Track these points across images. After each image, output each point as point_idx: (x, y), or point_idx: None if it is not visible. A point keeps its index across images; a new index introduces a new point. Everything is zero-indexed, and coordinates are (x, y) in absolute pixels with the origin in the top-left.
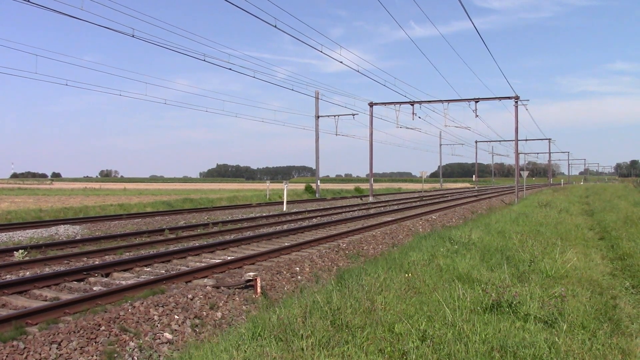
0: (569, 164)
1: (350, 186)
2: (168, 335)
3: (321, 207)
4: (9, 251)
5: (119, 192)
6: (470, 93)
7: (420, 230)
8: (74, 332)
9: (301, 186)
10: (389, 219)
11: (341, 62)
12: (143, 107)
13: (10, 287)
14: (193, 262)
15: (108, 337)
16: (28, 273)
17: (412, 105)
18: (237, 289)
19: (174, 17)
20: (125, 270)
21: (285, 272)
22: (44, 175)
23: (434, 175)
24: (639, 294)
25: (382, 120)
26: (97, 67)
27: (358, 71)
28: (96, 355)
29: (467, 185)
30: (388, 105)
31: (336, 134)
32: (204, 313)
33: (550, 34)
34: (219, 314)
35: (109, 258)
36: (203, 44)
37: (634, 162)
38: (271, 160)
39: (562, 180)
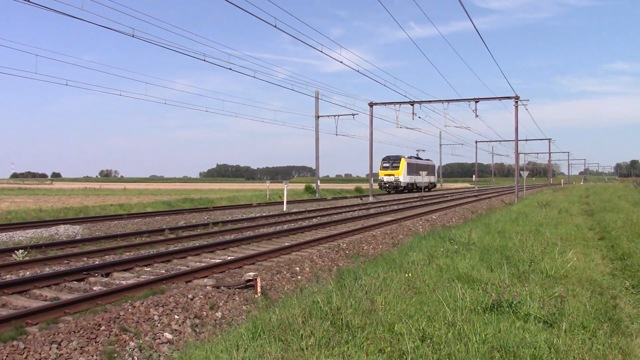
0: (569, 164)
1: (351, 186)
2: (168, 335)
3: (321, 207)
4: (9, 251)
5: (119, 192)
6: (470, 93)
7: (420, 230)
8: (74, 332)
9: (301, 186)
10: (389, 219)
11: (341, 62)
12: (143, 107)
13: (10, 287)
14: (193, 262)
15: (108, 337)
16: (28, 273)
17: (412, 105)
18: (237, 289)
19: (174, 17)
20: (125, 270)
21: (285, 272)
22: (44, 175)
23: None
24: (639, 294)
25: (382, 120)
26: (97, 67)
27: (358, 71)
28: (96, 355)
29: (467, 185)
30: (388, 105)
31: (336, 134)
32: (204, 313)
33: (550, 34)
34: (219, 314)
35: (109, 258)
36: (203, 44)
37: (634, 162)
38: (271, 160)
39: (562, 180)
